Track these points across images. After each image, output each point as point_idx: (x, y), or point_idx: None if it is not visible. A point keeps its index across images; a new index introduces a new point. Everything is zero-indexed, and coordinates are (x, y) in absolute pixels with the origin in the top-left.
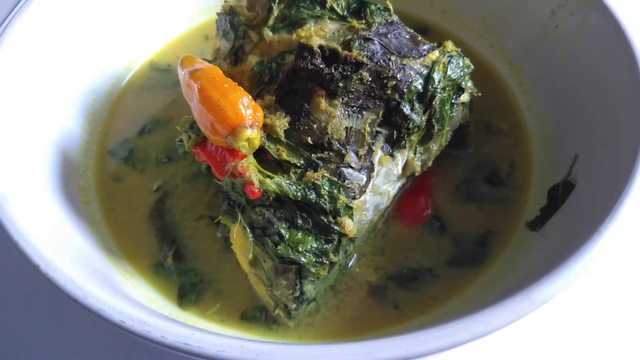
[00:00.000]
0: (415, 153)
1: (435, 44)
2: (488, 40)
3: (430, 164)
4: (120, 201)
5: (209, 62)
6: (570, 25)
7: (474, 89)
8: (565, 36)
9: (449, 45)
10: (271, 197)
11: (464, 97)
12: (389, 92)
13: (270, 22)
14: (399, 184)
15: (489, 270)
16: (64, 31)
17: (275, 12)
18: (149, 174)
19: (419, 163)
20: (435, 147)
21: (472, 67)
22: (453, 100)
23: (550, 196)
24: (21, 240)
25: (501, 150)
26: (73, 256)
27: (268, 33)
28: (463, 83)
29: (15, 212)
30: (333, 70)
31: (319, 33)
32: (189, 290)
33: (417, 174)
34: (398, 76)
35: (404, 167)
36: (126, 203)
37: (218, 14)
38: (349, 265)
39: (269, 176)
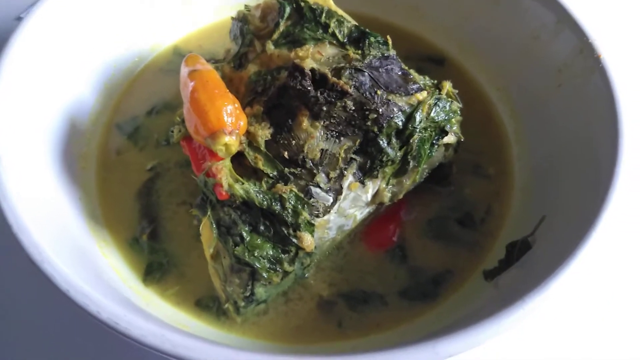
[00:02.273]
0: (387, 184)
1: (435, 82)
2: (496, 83)
3: (401, 196)
4: (116, 173)
5: (217, 61)
6: (571, 87)
7: (459, 134)
8: (566, 96)
9: (447, 85)
10: (238, 201)
11: (450, 139)
12: (368, 123)
13: (275, 36)
14: (367, 210)
15: (436, 309)
16: (96, 7)
17: (281, 28)
18: (147, 153)
19: (389, 194)
20: (408, 182)
21: (459, 113)
22: (434, 141)
23: (507, 251)
24: (3, 200)
25: (482, 194)
26: (51, 220)
27: (270, 46)
28: (448, 126)
29: (6, 171)
30: (319, 94)
31: (316, 56)
32: (155, 269)
33: (386, 204)
34: (380, 110)
35: (374, 196)
36: (120, 176)
37: (232, 18)
38: (306, 275)
39: (240, 181)
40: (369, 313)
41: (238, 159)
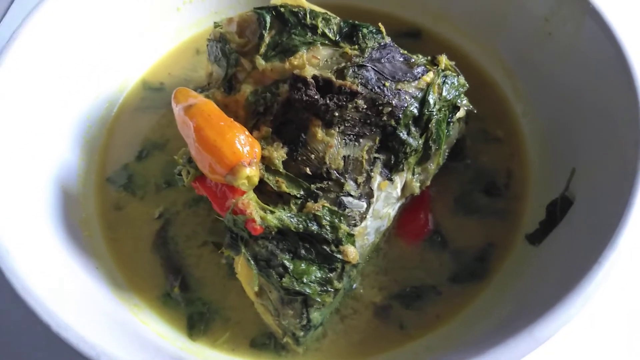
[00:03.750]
0: (413, 174)
1: (429, 58)
2: (481, 45)
3: (428, 183)
4: (123, 231)
5: (203, 88)
6: (564, 33)
7: (470, 106)
8: (560, 44)
9: (443, 59)
10: (273, 231)
11: (460, 113)
12: (384, 118)
13: (262, 49)
14: (398, 205)
15: (490, 286)
16: (53, 61)
17: (267, 40)
18: (149, 200)
19: (418, 184)
20: (433, 166)
21: (467, 85)
22: (449, 119)
23: (548, 212)
24: (28, 298)
25: (498, 159)
26: (81, 304)
27: (261, 62)
28: (458, 101)
29: (19, 264)
30: (328, 101)
31: (312, 61)
32: (197, 320)
33: (416, 194)
34: (393, 102)
35: (403, 189)
36: (129, 232)
37: (208, 39)
38: (354, 287)
39: (270, 210)
40: (426, 307)
41: (259, 188)
